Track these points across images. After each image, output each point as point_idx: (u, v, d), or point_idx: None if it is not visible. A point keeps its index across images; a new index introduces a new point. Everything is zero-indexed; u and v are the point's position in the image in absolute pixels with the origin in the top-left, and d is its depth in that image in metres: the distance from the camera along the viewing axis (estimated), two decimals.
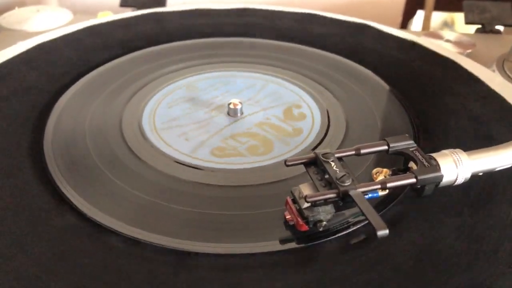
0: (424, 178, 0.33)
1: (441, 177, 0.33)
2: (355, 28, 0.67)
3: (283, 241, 0.34)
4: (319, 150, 0.34)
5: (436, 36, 0.70)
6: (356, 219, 0.35)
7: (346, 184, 0.31)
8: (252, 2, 0.73)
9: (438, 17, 1.11)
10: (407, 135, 0.36)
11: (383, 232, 0.28)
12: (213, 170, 0.41)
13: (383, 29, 0.66)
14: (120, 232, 0.34)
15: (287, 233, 0.34)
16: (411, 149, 0.35)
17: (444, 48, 0.62)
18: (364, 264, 0.32)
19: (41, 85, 0.52)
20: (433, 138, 0.45)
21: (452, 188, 0.35)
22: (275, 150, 0.43)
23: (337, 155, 0.34)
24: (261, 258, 0.33)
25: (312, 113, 0.49)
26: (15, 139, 0.43)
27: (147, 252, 0.33)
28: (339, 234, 0.34)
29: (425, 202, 0.36)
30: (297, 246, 0.33)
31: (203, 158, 0.42)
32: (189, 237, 0.34)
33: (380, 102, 0.51)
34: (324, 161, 0.33)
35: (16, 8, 0.80)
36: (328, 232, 0.34)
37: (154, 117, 0.48)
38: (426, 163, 0.34)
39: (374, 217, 0.29)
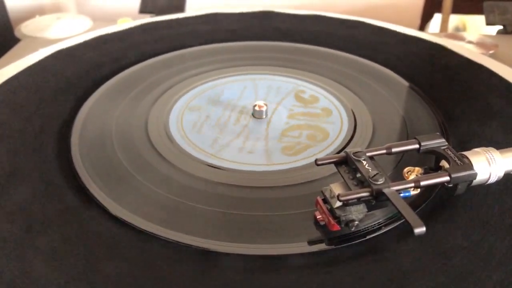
0: (458, 176, 0.32)
1: (475, 175, 0.33)
2: (377, 30, 0.67)
3: (313, 242, 0.33)
4: (350, 149, 0.34)
5: (457, 37, 0.70)
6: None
7: (379, 183, 0.31)
8: (272, 6, 0.73)
9: (450, 22, 1.10)
10: (438, 133, 0.35)
11: (420, 230, 0.28)
12: (238, 171, 0.41)
13: (405, 31, 0.66)
14: (143, 230, 0.34)
15: (317, 234, 0.34)
16: (442, 148, 0.35)
17: (467, 49, 0.62)
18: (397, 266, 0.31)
19: (67, 89, 0.52)
20: (459, 137, 0.45)
21: None
22: (301, 152, 0.43)
23: (368, 154, 0.33)
24: (291, 259, 0.32)
25: (338, 114, 0.49)
26: (42, 142, 0.43)
27: (171, 251, 0.33)
28: (371, 236, 0.34)
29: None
30: (328, 247, 0.33)
31: (228, 159, 0.42)
32: (214, 237, 0.34)
33: (406, 102, 0.51)
34: (356, 160, 0.33)
35: (37, 16, 0.81)
36: (360, 232, 0.33)
37: (180, 119, 0.48)
38: (458, 162, 0.33)
39: (411, 215, 0.28)
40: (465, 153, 0.34)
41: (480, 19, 0.77)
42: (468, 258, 0.31)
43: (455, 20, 1.13)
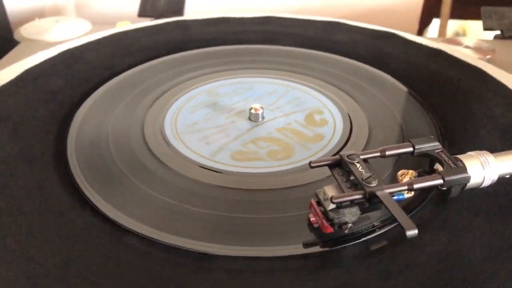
0: (451, 179, 0.32)
1: (469, 178, 0.33)
2: (375, 34, 0.68)
3: (307, 244, 0.34)
4: (344, 152, 0.34)
5: (455, 42, 0.70)
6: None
7: (372, 185, 0.31)
8: (273, 10, 0.74)
9: (450, 27, 1.11)
10: (432, 136, 0.36)
11: (412, 232, 0.28)
12: (233, 174, 0.41)
13: (403, 35, 0.66)
14: (140, 233, 0.34)
15: (311, 236, 0.34)
16: (436, 151, 0.35)
17: (465, 53, 0.62)
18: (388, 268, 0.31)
19: (64, 92, 0.52)
20: (456, 142, 0.45)
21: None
22: (297, 155, 0.43)
23: (362, 156, 0.33)
24: (285, 261, 0.32)
25: (334, 118, 0.49)
26: (39, 143, 0.44)
27: (166, 254, 0.33)
28: (365, 238, 0.34)
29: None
30: (322, 249, 0.33)
31: (224, 162, 0.42)
32: (210, 240, 0.34)
33: (402, 107, 0.51)
34: (349, 162, 0.33)
35: (36, 19, 0.81)
36: (353, 235, 0.33)
37: (176, 122, 0.48)
38: (452, 165, 0.33)
39: (403, 217, 0.28)
40: (459, 156, 0.34)
41: (480, 24, 0.77)
42: (462, 261, 0.31)
43: (455, 25, 1.13)
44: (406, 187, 0.32)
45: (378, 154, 0.34)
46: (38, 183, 0.39)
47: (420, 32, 1.06)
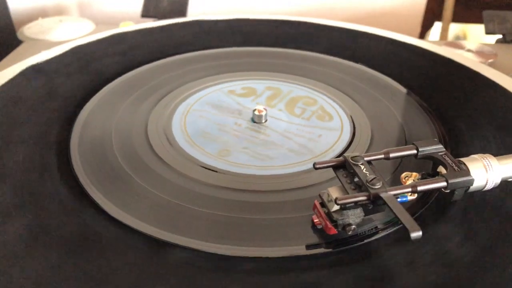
0: (455, 182, 0.32)
1: (472, 181, 0.33)
2: (376, 38, 0.68)
3: (310, 246, 0.34)
4: (348, 154, 0.34)
5: (457, 46, 0.70)
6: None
7: (376, 187, 0.31)
8: (273, 12, 0.74)
9: (451, 30, 1.11)
10: (436, 139, 0.36)
11: (416, 234, 0.28)
12: (236, 175, 0.41)
13: (405, 39, 0.66)
14: (142, 232, 0.34)
15: (314, 237, 0.34)
16: (440, 154, 0.35)
17: (466, 57, 0.62)
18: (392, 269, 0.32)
19: (67, 91, 0.53)
20: (459, 145, 0.45)
21: None
22: (300, 157, 0.43)
23: (366, 158, 0.34)
24: (288, 262, 0.33)
25: (337, 120, 0.49)
26: (42, 143, 0.44)
27: (167, 253, 0.33)
28: (368, 240, 0.34)
29: None
30: (325, 250, 0.33)
31: (227, 163, 0.42)
32: (216, 241, 0.34)
33: (405, 110, 0.51)
34: (354, 164, 0.33)
35: (40, 18, 0.81)
36: (356, 237, 0.34)
37: (180, 122, 0.48)
38: (456, 167, 0.33)
39: (407, 219, 0.29)
40: (462, 159, 0.35)
41: (481, 28, 0.77)
42: (463, 262, 0.32)
43: (456, 28, 1.13)
44: (410, 189, 0.32)
45: (382, 156, 0.34)
46: (41, 182, 0.39)
47: (422, 35, 1.06)
